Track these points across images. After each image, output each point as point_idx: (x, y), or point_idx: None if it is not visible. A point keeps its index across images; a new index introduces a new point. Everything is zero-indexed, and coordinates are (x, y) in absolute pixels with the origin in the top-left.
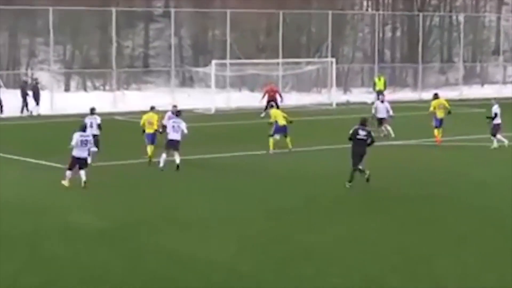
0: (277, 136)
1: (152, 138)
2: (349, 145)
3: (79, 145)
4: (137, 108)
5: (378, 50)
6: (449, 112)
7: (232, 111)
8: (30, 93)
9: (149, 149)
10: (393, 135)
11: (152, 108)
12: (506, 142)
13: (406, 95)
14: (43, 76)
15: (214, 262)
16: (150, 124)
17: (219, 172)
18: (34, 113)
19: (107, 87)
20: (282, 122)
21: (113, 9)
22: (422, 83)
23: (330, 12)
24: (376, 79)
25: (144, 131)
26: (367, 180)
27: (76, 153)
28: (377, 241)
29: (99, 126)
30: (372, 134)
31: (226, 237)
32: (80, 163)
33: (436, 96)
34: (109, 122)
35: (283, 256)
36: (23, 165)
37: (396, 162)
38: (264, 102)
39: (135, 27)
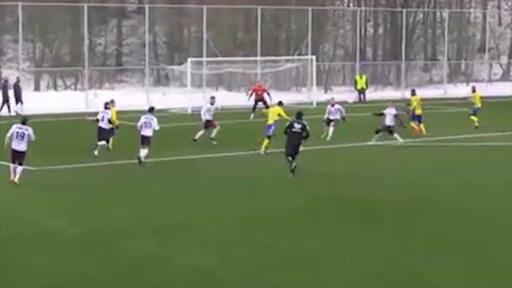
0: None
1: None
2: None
3: (15, 137)
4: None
5: (360, 47)
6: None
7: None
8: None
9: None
10: (328, 138)
11: (107, 104)
12: None
13: (388, 93)
14: (12, 75)
15: (193, 267)
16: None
17: (197, 174)
18: (20, 112)
19: (78, 86)
20: (269, 121)
21: (85, 5)
22: (405, 81)
23: (310, 8)
24: (358, 78)
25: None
26: (292, 171)
27: (12, 145)
28: (361, 248)
29: (109, 121)
30: (307, 128)
31: (205, 243)
32: (16, 156)
33: (414, 93)
34: (81, 122)
35: (264, 263)
36: None
37: (379, 164)
38: (251, 101)
39: (108, 23)
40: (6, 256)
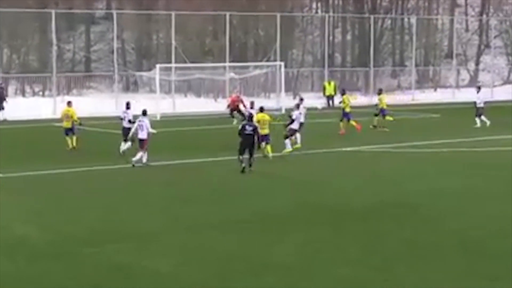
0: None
1: (71, 131)
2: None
3: None
4: (79, 114)
5: (328, 53)
6: None
7: (178, 117)
8: None
9: (69, 140)
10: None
11: (129, 104)
12: None
13: (357, 100)
14: None
15: (157, 274)
16: (68, 118)
17: (167, 180)
18: (2, 118)
19: (46, 93)
20: (263, 131)
21: (52, 11)
22: (373, 87)
23: (278, 14)
24: (326, 84)
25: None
26: (251, 164)
27: None
28: (329, 253)
29: (129, 121)
30: (258, 129)
31: (171, 250)
32: None
33: (380, 91)
34: (48, 129)
35: (230, 268)
36: None
37: (347, 170)
38: (227, 110)
39: (76, 30)
40: None
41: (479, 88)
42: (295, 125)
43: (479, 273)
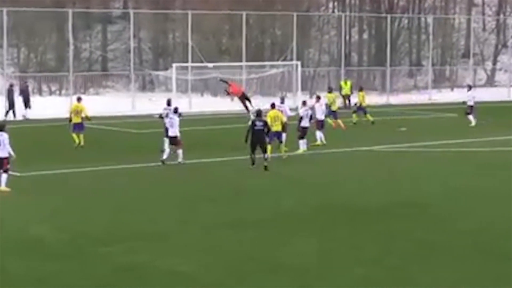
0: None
1: (80, 127)
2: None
3: None
4: (95, 113)
5: (344, 53)
6: None
7: (194, 116)
8: (15, 96)
9: (76, 137)
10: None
11: (79, 99)
12: None
13: (373, 99)
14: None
15: (173, 273)
16: (78, 113)
17: (182, 179)
18: (28, 116)
19: (63, 92)
20: (276, 128)
21: (70, 11)
22: (390, 87)
23: (295, 14)
24: (343, 83)
25: (70, 120)
26: (265, 168)
27: None
28: (345, 253)
29: (160, 116)
30: (268, 124)
31: (186, 249)
32: None
33: (361, 89)
34: (65, 128)
35: (245, 268)
36: None
37: (364, 170)
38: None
39: (93, 29)
40: None
41: (469, 87)
42: (304, 123)
43: (492, 273)
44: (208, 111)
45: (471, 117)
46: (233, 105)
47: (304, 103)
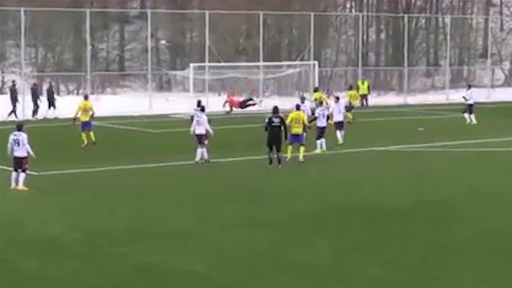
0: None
1: (89, 125)
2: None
3: (13, 144)
4: (113, 113)
5: (362, 53)
6: None
7: (211, 116)
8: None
9: (86, 136)
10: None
11: (86, 97)
12: None
13: (390, 99)
14: (15, 80)
15: (189, 273)
16: (86, 111)
17: (198, 179)
18: (50, 116)
19: (81, 91)
20: (296, 130)
21: (87, 11)
22: (407, 87)
23: (312, 13)
24: (360, 83)
25: (74, 119)
26: (279, 161)
27: (14, 152)
28: (361, 253)
29: (192, 118)
30: (284, 120)
31: (203, 248)
32: (16, 162)
33: (351, 87)
34: (71, 128)
35: (262, 268)
36: None
37: (382, 170)
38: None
39: (110, 29)
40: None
41: (469, 86)
42: (321, 123)
43: None
44: (224, 110)
45: (465, 115)
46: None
47: (321, 103)
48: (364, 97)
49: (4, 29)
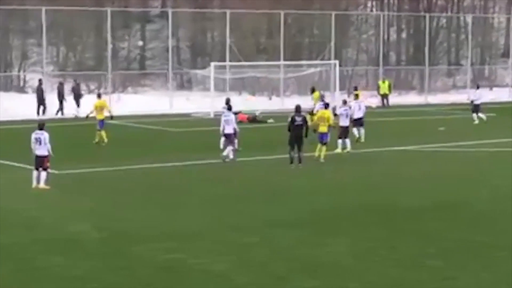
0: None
1: (103, 124)
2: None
3: (35, 143)
4: (133, 112)
5: (383, 52)
6: None
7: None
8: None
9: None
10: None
11: (99, 95)
12: None
13: (411, 98)
14: (36, 79)
15: (209, 272)
16: (102, 109)
17: (219, 179)
18: (78, 115)
19: (102, 90)
20: (322, 128)
21: (108, 9)
22: (428, 86)
23: (333, 13)
24: (381, 82)
25: (87, 117)
26: (300, 160)
27: (35, 151)
28: (383, 254)
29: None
30: (307, 119)
31: (223, 248)
32: (37, 161)
33: (356, 88)
34: (105, 126)
35: (282, 268)
36: (12, 172)
37: (401, 170)
38: None
39: (131, 28)
40: (23, 260)
41: (478, 86)
42: (344, 122)
43: None
44: (245, 110)
45: (480, 114)
46: (271, 104)
47: (344, 102)
48: (385, 96)
49: (25, 28)
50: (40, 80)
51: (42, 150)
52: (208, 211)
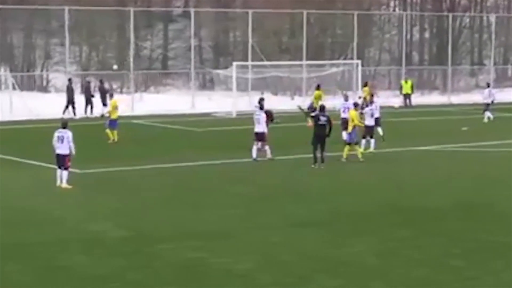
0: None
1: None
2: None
3: (57, 141)
4: (155, 111)
5: (405, 52)
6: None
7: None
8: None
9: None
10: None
11: (112, 95)
12: None
13: (434, 98)
14: (59, 78)
15: (231, 272)
16: (116, 109)
17: (242, 178)
18: (105, 114)
19: (124, 90)
20: (349, 128)
21: (131, 9)
22: (451, 86)
23: (355, 12)
24: (403, 82)
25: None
26: (323, 161)
27: (56, 149)
28: (407, 254)
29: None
30: (331, 119)
31: (246, 247)
32: (59, 160)
33: (366, 84)
34: (126, 125)
35: (305, 268)
36: (36, 171)
37: (425, 170)
38: None
39: (154, 27)
40: (46, 259)
41: (488, 85)
42: (368, 122)
43: None
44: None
45: (487, 113)
46: (293, 104)
47: (371, 102)
48: (407, 96)
49: (48, 28)
50: (70, 80)
51: (64, 148)
52: (232, 211)
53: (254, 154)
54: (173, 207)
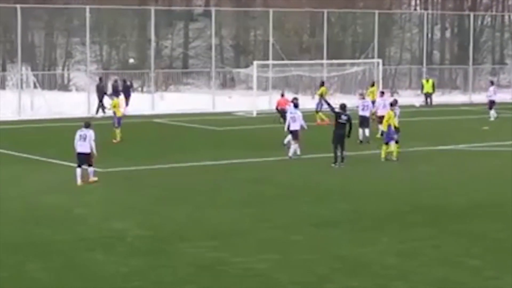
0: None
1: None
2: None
3: (78, 140)
4: (176, 110)
5: (426, 51)
6: None
7: (274, 113)
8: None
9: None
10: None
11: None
12: None
13: (455, 98)
14: (79, 77)
15: (251, 271)
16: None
17: (261, 178)
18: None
19: (145, 89)
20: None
21: (152, 8)
22: (472, 85)
23: (376, 11)
24: (424, 81)
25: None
26: (342, 160)
27: (77, 148)
28: (426, 254)
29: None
30: (351, 119)
31: (267, 247)
32: (80, 158)
33: (373, 84)
34: (147, 124)
35: (324, 267)
36: (59, 169)
37: (446, 169)
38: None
39: (174, 26)
40: (67, 257)
41: (492, 83)
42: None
43: None
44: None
45: (492, 111)
46: (314, 103)
47: (396, 102)
48: (428, 95)
49: (69, 27)
50: (101, 78)
51: (85, 147)
52: (251, 210)
53: (290, 152)
54: (192, 206)
